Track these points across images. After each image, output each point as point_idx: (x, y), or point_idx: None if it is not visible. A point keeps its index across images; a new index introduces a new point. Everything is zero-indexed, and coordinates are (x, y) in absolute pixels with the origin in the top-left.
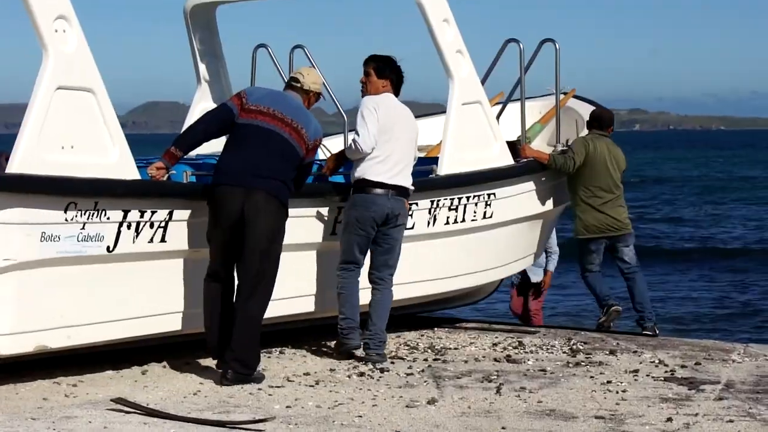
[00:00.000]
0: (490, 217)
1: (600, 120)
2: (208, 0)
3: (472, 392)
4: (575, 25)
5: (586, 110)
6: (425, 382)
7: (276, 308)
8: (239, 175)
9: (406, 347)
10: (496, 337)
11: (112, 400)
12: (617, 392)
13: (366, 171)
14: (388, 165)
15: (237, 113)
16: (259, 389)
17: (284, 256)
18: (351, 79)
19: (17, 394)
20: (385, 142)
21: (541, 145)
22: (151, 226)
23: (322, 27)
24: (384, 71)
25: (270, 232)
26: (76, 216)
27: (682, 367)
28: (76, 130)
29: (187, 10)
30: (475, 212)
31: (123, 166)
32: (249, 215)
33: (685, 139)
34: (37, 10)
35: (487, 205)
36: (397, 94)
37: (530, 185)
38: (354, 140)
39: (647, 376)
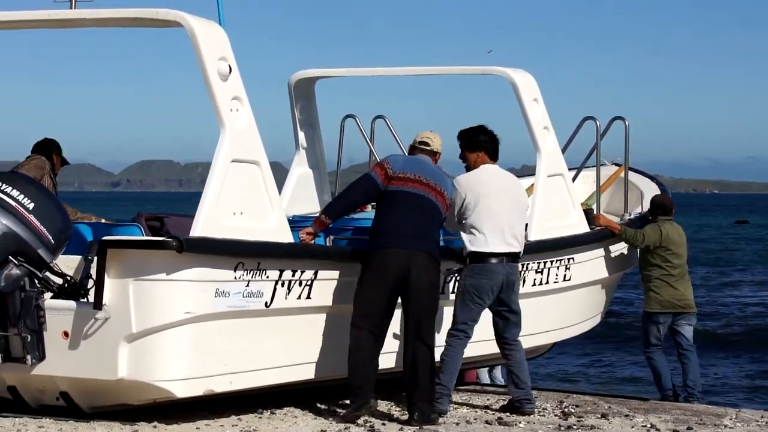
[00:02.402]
0: (569, 279)
1: (664, 207)
2: (311, 75)
3: None
4: (570, 86)
5: (640, 181)
6: None
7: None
8: (402, 238)
9: (398, 408)
10: (488, 399)
11: None
12: None
13: (476, 243)
14: (493, 234)
15: (381, 182)
16: None
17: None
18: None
19: None
20: (485, 214)
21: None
22: (300, 284)
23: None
24: (474, 146)
25: (434, 287)
26: (243, 275)
27: (674, 431)
28: (245, 198)
29: (292, 83)
30: (557, 275)
31: (280, 231)
32: (414, 275)
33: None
34: (217, 92)
35: (567, 268)
36: (495, 159)
37: (602, 251)
38: None
39: None
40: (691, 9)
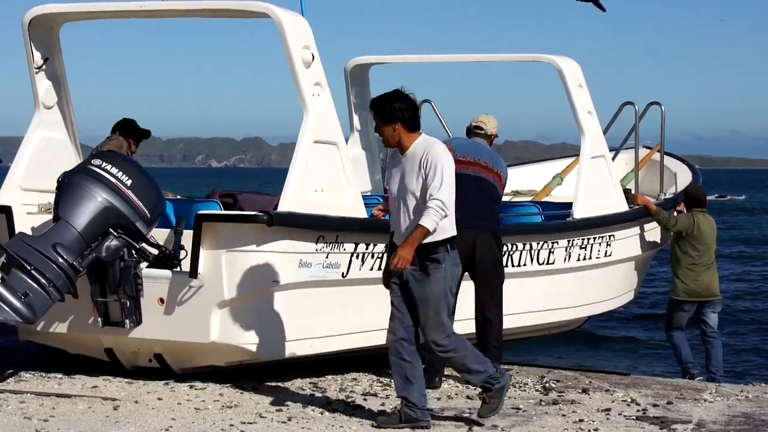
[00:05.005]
0: (610, 255)
1: (698, 200)
2: (366, 61)
3: (445, 430)
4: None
5: (672, 163)
6: None
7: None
8: (468, 218)
9: (380, 384)
10: None
11: None
12: (589, 431)
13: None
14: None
15: None
16: (231, 425)
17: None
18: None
19: None
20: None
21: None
22: (372, 256)
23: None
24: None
25: (498, 262)
26: (323, 247)
27: (654, 406)
28: (326, 176)
29: (348, 69)
30: (599, 251)
31: (356, 207)
32: (481, 252)
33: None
34: (302, 78)
35: (608, 245)
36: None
37: (638, 230)
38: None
39: (619, 414)
40: None
